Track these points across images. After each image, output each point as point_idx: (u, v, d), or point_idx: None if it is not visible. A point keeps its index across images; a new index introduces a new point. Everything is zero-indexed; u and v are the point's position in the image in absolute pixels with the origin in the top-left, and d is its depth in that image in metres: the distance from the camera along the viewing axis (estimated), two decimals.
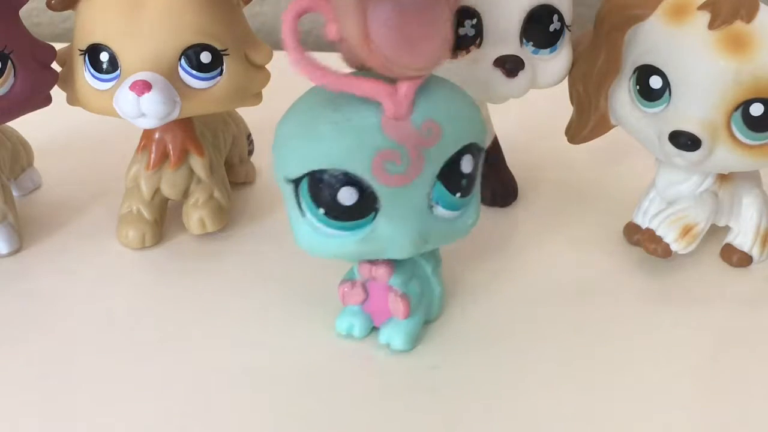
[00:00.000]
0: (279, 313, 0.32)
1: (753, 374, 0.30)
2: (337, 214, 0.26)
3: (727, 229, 0.35)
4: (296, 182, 0.26)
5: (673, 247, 0.33)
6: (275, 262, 0.35)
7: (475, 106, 0.27)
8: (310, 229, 0.26)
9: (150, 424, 0.27)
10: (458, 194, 0.27)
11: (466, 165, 0.26)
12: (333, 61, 0.25)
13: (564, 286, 0.34)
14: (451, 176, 0.26)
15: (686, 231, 0.33)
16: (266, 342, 0.31)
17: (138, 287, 0.34)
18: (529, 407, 0.28)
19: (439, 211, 0.27)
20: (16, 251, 0.36)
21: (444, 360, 0.30)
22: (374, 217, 0.26)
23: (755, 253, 0.35)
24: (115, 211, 0.37)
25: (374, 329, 0.30)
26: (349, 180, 0.25)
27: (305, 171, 0.25)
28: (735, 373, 0.30)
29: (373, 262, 0.28)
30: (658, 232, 0.33)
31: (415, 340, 0.30)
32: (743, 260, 0.35)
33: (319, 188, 0.25)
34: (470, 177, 0.27)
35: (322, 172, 0.25)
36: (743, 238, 0.35)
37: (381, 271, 0.28)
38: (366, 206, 0.25)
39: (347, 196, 0.25)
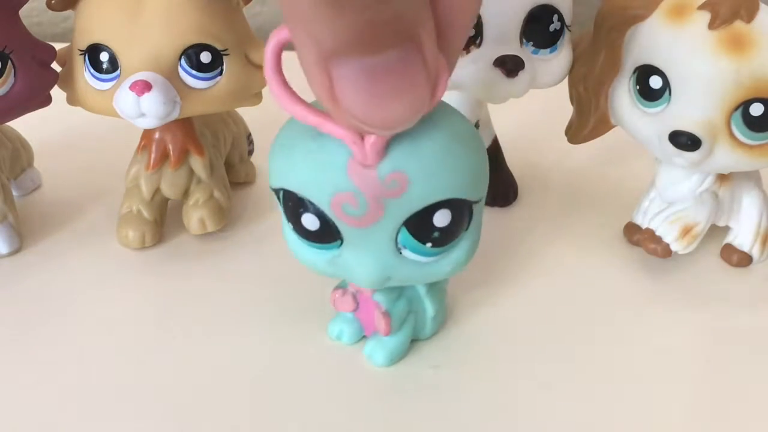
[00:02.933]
0: (279, 313, 0.32)
1: (753, 374, 0.30)
2: (304, 234, 0.26)
3: (727, 229, 0.35)
4: (276, 193, 0.26)
5: (673, 247, 0.33)
6: (275, 262, 0.35)
7: (468, 158, 0.25)
8: (294, 235, 0.27)
9: (150, 424, 0.27)
10: (428, 244, 0.25)
11: (440, 219, 0.25)
12: None
13: (564, 286, 0.34)
14: (420, 226, 0.25)
15: (686, 231, 0.33)
16: (266, 342, 0.31)
17: (138, 287, 0.34)
18: (527, 406, 0.28)
19: (408, 254, 0.25)
20: (16, 251, 0.36)
21: (442, 360, 0.30)
22: (340, 245, 0.25)
23: (755, 253, 0.35)
24: (115, 211, 0.37)
25: (365, 337, 0.30)
26: (312, 208, 0.25)
27: (280, 186, 0.25)
28: (735, 373, 0.30)
29: None
30: (658, 232, 0.33)
31: (396, 358, 0.30)
32: (743, 260, 0.35)
33: (289, 206, 0.25)
34: (446, 230, 0.25)
35: (290, 192, 0.25)
36: (743, 238, 0.35)
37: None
38: (329, 235, 0.25)
39: (310, 221, 0.25)
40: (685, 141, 0.30)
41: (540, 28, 0.33)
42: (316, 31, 0.19)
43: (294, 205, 0.25)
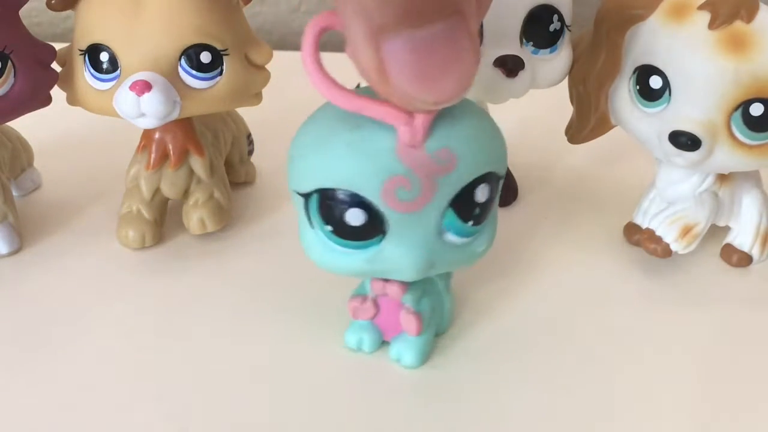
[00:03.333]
0: (279, 313, 0.32)
1: (753, 374, 0.30)
2: (345, 233, 0.25)
3: (727, 229, 0.35)
4: (306, 196, 0.25)
5: (673, 247, 0.33)
6: (275, 262, 0.35)
7: (497, 133, 0.26)
8: (319, 242, 0.26)
9: (149, 424, 0.27)
10: (470, 222, 0.26)
11: (481, 194, 0.25)
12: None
13: (563, 286, 0.34)
14: (464, 204, 0.25)
15: (686, 231, 0.33)
16: (267, 342, 0.31)
17: (138, 287, 0.34)
18: (528, 406, 0.28)
19: (449, 237, 0.26)
20: (16, 251, 0.36)
21: (441, 362, 0.30)
22: (382, 239, 0.25)
23: (755, 253, 0.35)
24: (115, 211, 0.37)
25: (384, 343, 0.30)
26: (359, 202, 0.24)
27: (315, 187, 0.25)
28: (735, 373, 0.30)
29: (386, 279, 0.28)
30: (658, 232, 0.33)
31: (426, 356, 0.29)
32: (743, 260, 0.35)
33: (328, 206, 0.25)
34: (484, 206, 0.26)
35: (332, 190, 0.24)
36: (743, 238, 0.35)
37: (394, 289, 0.28)
38: (374, 228, 0.25)
39: (355, 217, 0.25)
40: (685, 141, 0.30)
41: (540, 28, 0.33)
42: (364, 4, 0.20)
43: (335, 203, 0.25)
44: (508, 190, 0.40)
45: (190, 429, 0.27)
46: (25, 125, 0.37)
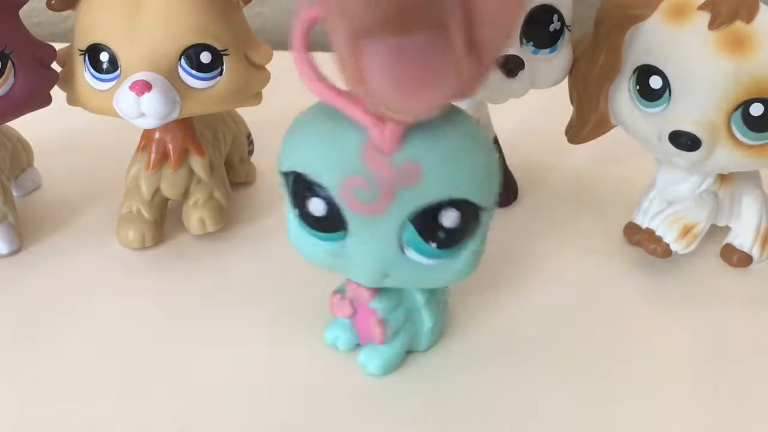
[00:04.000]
0: (279, 313, 0.32)
1: (753, 374, 0.30)
2: (308, 220, 0.25)
3: (727, 229, 0.35)
4: (285, 176, 0.26)
5: (673, 247, 0.33)
6: (275, 262, 0.35)
7: (484, 164, 0.25)
8: (296, 224, 0.26)
9: (149, 425, 0.27)
10: (433, 244, 0.25)
11: (448, 219, 0.24)
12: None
13: (563, 286, 0.34)
14: (426, 223, 0.25)
15: (686, 231, 0.33)
16: (265, 343, 0.31)
17: (138, 287, 0.34)
18: (526, 406, 0.28)
19: (411, 253, 0.25)
20: (16, 251, 0.36)
21: (438, 360, 0.30)
22: (345, 236, 0.25)
23: (755, 253, 0.35)
24: (115, 211, 0.37)
25: (359, 345, 0.30)
26: (320, 193, 0.24)
27: (290, 168, 0.25)
28: (735, 373, 0.30)
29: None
30: (658, 232, 0.33)
31: (391, 368, 0.29)
32: (743, 260, 0.35)
33: (297, 190, 0.25)
34: (453, 232, 0.25)
35: (301, 175, 0.25)
36: (743, 238, 0.35)
37: (364, 292, 0.28)
38: (335, 223, 0.25)
39: (317, 207, 0.25)
40: (685, 141, 0.30)
41: (540, 28, 0.33)
42: (347, 7, 0.19)
43: (303, 188, 0.25)
44: (508, 190, 0.40)
45: (189, 428, 0.27)
46: (25, 125, 0.37)
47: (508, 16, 0.22)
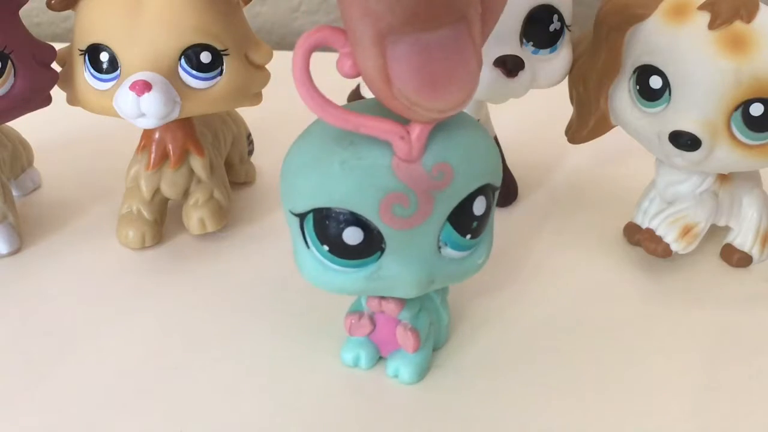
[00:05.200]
0: (278, 313, 0.32)
1: (753, 374, 0.30)
2: (342, 252, 0.25)
3: (727, 229, 0.35)
4: (302, 216, 0.25)
5: (673, 247, 0.33)
6: (275, 262, 0.35)
7: (492, 145, 0.26)
8: (315, 262, 0.25)
9: (148, 423, 0.27)
10: (468, 236, 0.25)
11: (479, 207, 0.25)
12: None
13: (563, 286, 0.34)
14: (461, 218, 0.25)
15: (686, 231, 0.33)
16: (265, 343, 0.31)
17: (138, 287, 0.34)
18: (526, 406, 0.28)
19: (448, 251, 0.25)
20: (16, 251, 0.36)
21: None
22: (380, 256, 0.25)
23: (755, 253, 0.35)
24: (115, 211, 0.37)
25: (380, 359, 0.30)
26: (355, 220, 0.24)
27: (311, 207, 0.24)
28: (735, 373, 0.30)
29: (382, 296, 0.27)
30: (658, 232, 0.33)
31: (424, 373, 0.29)
32: (743, 260, 0.35)
33: (325, 225, 0.24)
34: (482, 218, 0.25)
35: (328, 209, 0.24)
36: (743, 238, 0.35)
37: (391, 306, 0.28)
38: (372, 246, 0.24)
39: (352, 235, 0.24)
40: (685, 141, 0.30)
41: (540, 28, 0.33)
42: (373, 7, 0.19)
43: (332, 222, 0.24)
44: (508, 190, 0.40)
45: (188, 428, 0.27)
46: (25, 125, 0.37)
47: (502, 5, 0.22)
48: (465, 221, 0.25)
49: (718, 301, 0.33)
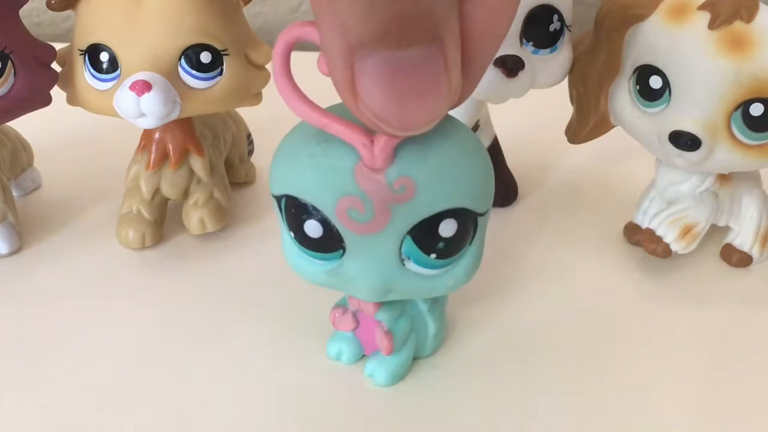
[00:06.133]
0: (278, 313, 0.32)
1: (753, 374, 0.30)
2: (305, 242, 0.25)
3: (727, 229, 0.35)
4: (278, 200, 0.26)
5: (673, 247, 0.33)
6: (275, 262, 0.34)
7: (476, 168, 0.25)
8: (292, 245, 0.26)
9: (148, 423, 0.27)
10: (433, 255, 0.25)
11: (447, 229, 0.24)
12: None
13: (563, 286, 0.34)
14: (425, 237, 0.24)
15: (686, 231, 0.33)
16: (265, 344, 0.31)
17: (138, 287, 0.34)
18: (527, 407, 0.28)
19: (411, 265, 0.25)
20: (16, 251, 0.36)
21: (441, 362, 0.30)
22: (343, 254, 0.25)
23: (755, 253, 0.35)
24: (115, 211, 0.37)
25: (364, 356, 0.30)
26: (315, 215, 0.24)
27: (282, 192, 0.25)
28: (735, 373, 0.30)
29: None
30: (658, 232, 0.33)
31: (399, 377, 0.29)
32: (743, 260, 0.35)
33: (291, 213, 0.25)
34: (451, 241, 0.25)
35: (295, 198, 0.25)
36: (743, 238, 0.35)
37: (369, 306, 0.28)
38: (332, 242, 0.25)
39: (313, 228, 0.25)
40: (685, 141, 0.30)
41: (540, 28, 0.33)
42: (344, 19, 0.19)
43: (297, 211, 0.25)
44: (508, 190, 0.40)
45: (188, 428, 0.27)
46: (25, 125, 0.37)
47: (497, 32, 0.22)
48: (428, 241, 0.24)
49: (718, 301, 0.33)
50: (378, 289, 0.25)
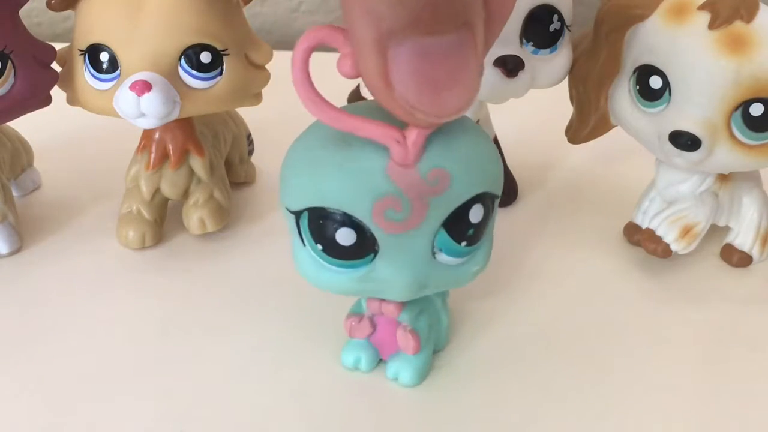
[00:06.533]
0: (279, 313, 0.32)
1: (753, 374, 0.30)
2: (335, 252, 0.25)
3: (727, 229, 0.35)
4: (297, 214, 0.25)
5: (673, 247, 0.33)
6: (275, 262, 0.35)
7: (493, 153, 0.26)
8: (311, 260, 0.25)
9: (148, 423, 0.27)
10: (464, 243, 0.25)
11: (475, 215, 0.25)
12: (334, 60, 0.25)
13: (563, 286, 0.34)
14: (457, 225, 0.25)
15: (686, 231, 0.33)
16: (265, 344, 0.31)
17: (138, 287, 0.34)
18: (527, 407, 0.28)
19: (442, 257, 0.25)
20: (16, 251, 0.36)
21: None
22: (373, 258, 0.25)
23: (755, 253, 0.35)
24: (115, 211, 0.37)
25: (381, 361, 0.30)
26: (349, 221, 0.24)
27: (306, 206, 0.24)
28: (735, 373, 0.30)
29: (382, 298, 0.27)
30: (658, 232, 0.33)
31: (424, 375, 0.29)
32: (743, 260, 0.35)
33: (318, 225, 0.24)
34: (478, 226, 0.25)
35: (322, 209, 0.24)
36: (743, 238, 0.35)
37: (391, 308, 0.27)
38: (365, 248, 0.24)
39: (345, 236, 0.24)
40: (685, 141, 0.30)
41: (540, 28, 0.33)
42: (375, 7, 0.19)
43: (325, 222, 0.24)
44: (508, 190, 0.40)
45: (188, 428, 0.27)
46: (25, 125, 0.37)
47: (506, 12, 0.22)
48: (461, 228, 0.25)
49: (718, 301, 0.33)
50: (414, 287, 0.25)
